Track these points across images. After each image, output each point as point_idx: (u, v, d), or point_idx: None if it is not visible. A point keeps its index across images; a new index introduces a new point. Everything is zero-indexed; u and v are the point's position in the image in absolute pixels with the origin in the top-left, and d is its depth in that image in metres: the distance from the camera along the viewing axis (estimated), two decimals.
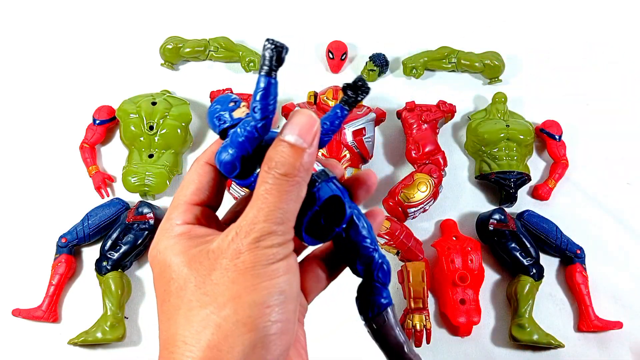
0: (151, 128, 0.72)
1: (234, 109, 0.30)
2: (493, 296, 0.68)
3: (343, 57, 0.82)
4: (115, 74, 0.83)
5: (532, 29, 0.89)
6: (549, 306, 0.67)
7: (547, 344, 0.63)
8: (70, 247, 0.67)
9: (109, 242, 0.66)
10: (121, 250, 0.65)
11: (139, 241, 0.66)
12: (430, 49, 0.84)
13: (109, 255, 0.65)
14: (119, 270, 0.65)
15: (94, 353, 0.64)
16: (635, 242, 0.72)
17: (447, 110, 0.75)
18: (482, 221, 0.70)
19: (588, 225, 0.72)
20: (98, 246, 0.68)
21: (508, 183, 0.71)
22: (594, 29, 0.90)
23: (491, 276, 0.69)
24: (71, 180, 0.74)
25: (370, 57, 0.82)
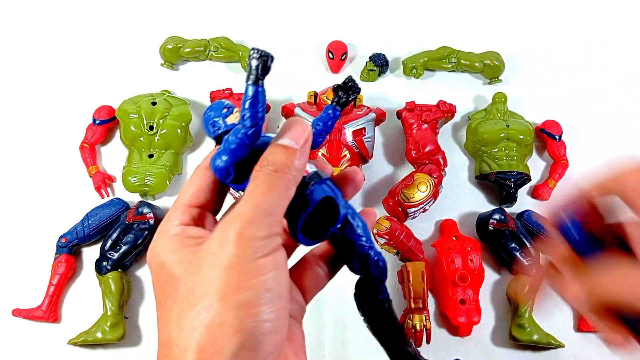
0: (151, 128, 0.72)
1: (227, 115, 0.31)
2: (493, 296, 0.68)
3: (343, 57, 0.82)
4: (115, 74, 0.82)
5: (532, 29, 0.89)
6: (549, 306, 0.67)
7: (547, 344, 0.63)
8: (70, 247, 0.67)
9: (109, 242, 0.66)
10: (121, 250, 0.65)
11: (139, 241, 0.66)
12: (430, 49, 0.84)
13: (109, 255, 0.65)
14: (119, 270, 0.65)
15: (94, 353, 0.64)
16: None
17: (447, 110, 0.75)
18: (482, 221, 0.70)
19: None
20: (98, 246, 0.68)
21: (508, 183, 0.71)
22: (594, 29, 0.90)
23: (491, 276, 0.69)
24: (71, 180, 0.74)
25: (370, 57, 0.82)
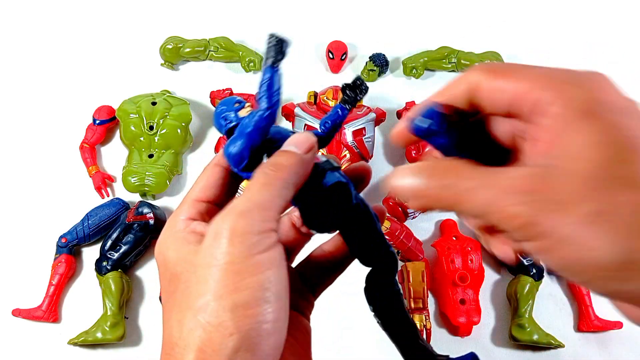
0: (151, 128, 0.72)
1: (239, 109, 0.31)
2: (493, 296, 0.68)
3: (343, 57, 0.82)
4: (115, 74, 0.82)
5: (532, 29, 0.89)
6: (549, 306, 0.67)
7: (547, 344, 0.63)
8: (70, 247, 0.67)
9: (109, 242, 0.66)
10: (121, 250, 0.65)
11: (139, 241, 0.66)
12: (430, 49, 0.84)
13: (109, 255, 0.65)
14: (119, 270, 0.65)
15: (94, 353, 0.64)
16: None
17: None
18: None
19: None
20: (98, 246, 0.68)
21: None
22: (594, 29, 0.90)
23: (491, 276, 0.69)
24: (71, 180, 0.74)
25: (370, 57, 0.82)
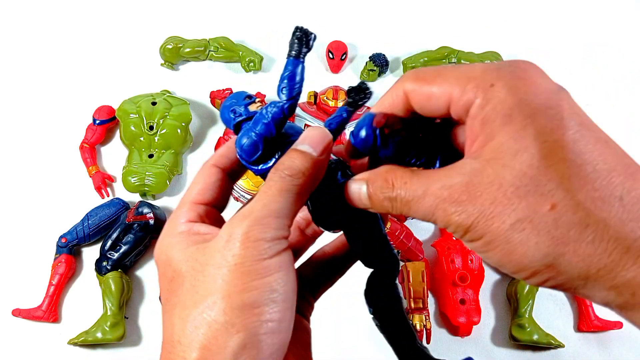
0: (151, 128, 0.72)
1: (249, 103, 0.30)
2: (493, 296, 0.68)
3: (343, 57, 0.82)
4: (115, 74, 0.83)
5: (532, 29, 0.89)
6: (549, 306, 0.67)
7: (547, 344, 0.63)
8: (70, 247, 0.67)
9: (109, 242, 0.66)
10: (121, 250, 0.65)
11: (139, 241, 0.66)
12: (430, 49, 0.84)
13: (109, 255, 0.65)
14: (119, 270, 0.65)
15: (94, 353, 0.64)
16: None
17: None
18: None
19: None
20: (98, 246, 0.68)
21: None
22: (594, 29, 0.90)
23: (491, 276, 0.69)
24: (71, 180, 0.74)
25: (370, 57, 0.82)
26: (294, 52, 0.27)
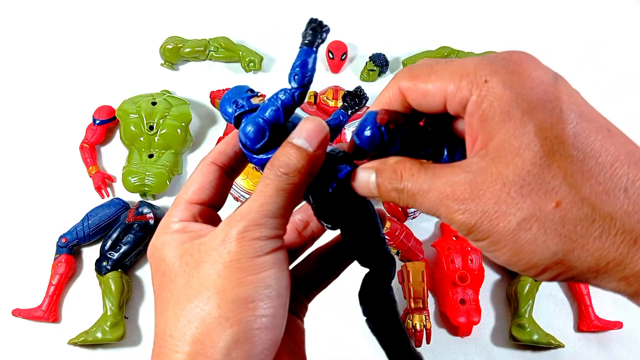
0: (151, 128, 0.72)
1: (251, 96, 0.30)
2: (493, 296, 0.68)
3: (343, 57, 0.82)
4: (115, 74, 0.83)
5: (532, 29, 0.89)
6: (549, 306, 0.67)
7: (547, 344, 0.63)
8: (70, 247, 0.67)
9: (109, 242, 0.66)
10: (121, 250, 0.65)
11: (139, 241, 0.66)
12: (430, 49, 0.84)
13: (109, 255, 0.65)
14: (119, 270, 0.65)
15: (94, 353, 0.64)
16: None
17: None
18: None
19: None
20: (98, 246, 0.68)
21: None
22: (594, 29, 0.90)
23: (491, 276, 0.69)
24: (71, 180, 0.74)
25: (370, 57, 0.82)
26: (307, 41, 0.27)
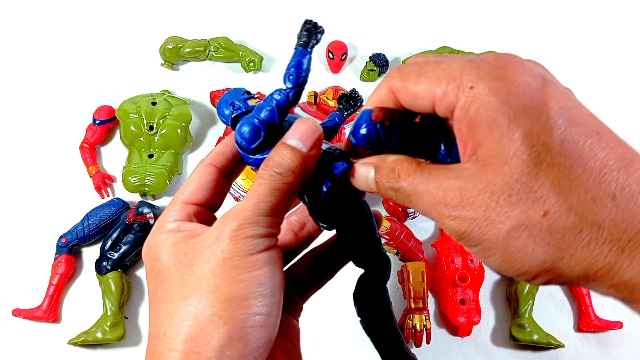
0: (151, 128, 0.72)
1: (248, 98, 0.30)
2: (493, 296, 0.68)
3: (343, 57, 0.82)
4: (115, 74, 0.83)
5: (532, 29, 0.89)
6: (549, 306, 0.67)
7: (547, 344, 0.63)
8: (70, 247, 0.67)
9: (109, 242, 0.66)
10: (121, 250, 0.65)
11: (139, 241, 0.66)
12: (430, 49, 0.84)
13: (109, 255, 0.65)
14: (119, 270, 0.65)
15: (94, 353, 0.64)
16: None
17: None
18: None
19: None
20: (98, 246, 0.68)
21: None
22: (594, 29, 0.90)
23: (491, 276, 0.69)
24: (71, 180, 0.74)
25: (370, 57, 0.82)
26: (302, 42, 0.27)
